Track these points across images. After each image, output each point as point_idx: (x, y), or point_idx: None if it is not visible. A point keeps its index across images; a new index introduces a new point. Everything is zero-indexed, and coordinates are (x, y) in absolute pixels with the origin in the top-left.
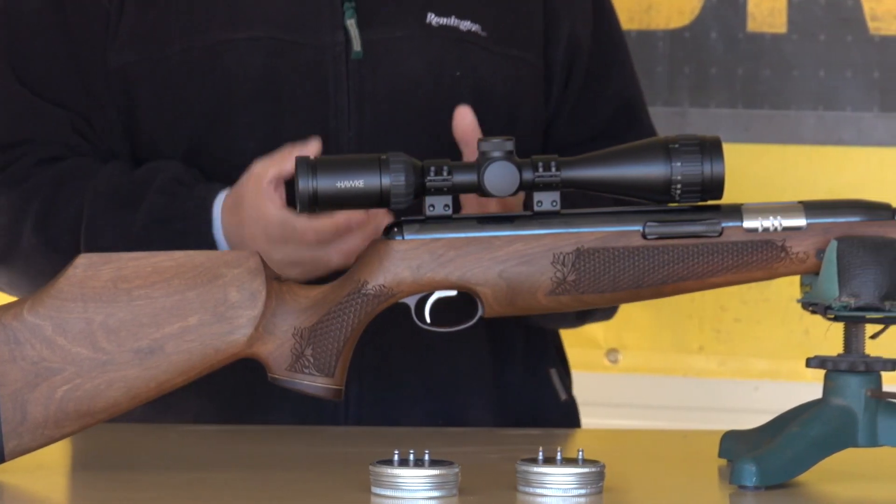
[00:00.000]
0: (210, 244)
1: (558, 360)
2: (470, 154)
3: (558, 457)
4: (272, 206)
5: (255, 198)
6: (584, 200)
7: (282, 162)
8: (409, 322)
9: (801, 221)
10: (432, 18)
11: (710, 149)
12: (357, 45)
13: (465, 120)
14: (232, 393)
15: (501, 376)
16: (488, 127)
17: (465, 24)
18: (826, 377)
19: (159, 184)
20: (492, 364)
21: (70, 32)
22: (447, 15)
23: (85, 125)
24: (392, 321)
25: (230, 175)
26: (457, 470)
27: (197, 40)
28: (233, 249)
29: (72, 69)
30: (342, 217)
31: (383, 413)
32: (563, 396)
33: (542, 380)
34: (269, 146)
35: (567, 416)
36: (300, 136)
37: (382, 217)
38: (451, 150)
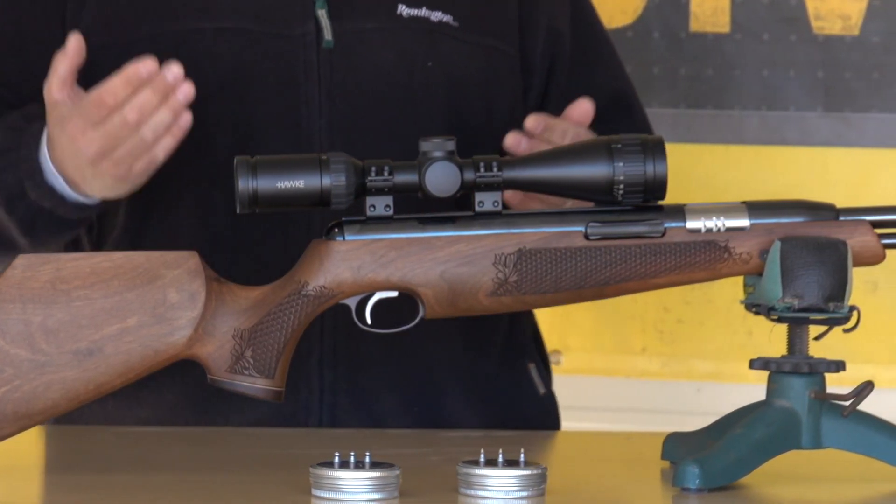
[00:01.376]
0: (36, 169)
1: (537, 355)
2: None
3: (500, 459)
4: (56, 94)
5: (50, 109)
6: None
7: (56, 66)
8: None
9: (744, 222)
10: (403, 9)
11: (653, 149)
12: (328, 35)
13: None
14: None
15: (477, 368)
16: (464, 118)
17: (437, 15)
18: (769, 379)
19: (9, 121)
20: (467, 356)
21: (21, 18)
22: (418, 6)
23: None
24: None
25: (199, 164)
26: (397, 472)
27: (165, 27)
28: (61, 167)
29: (18, 54)
30: (129, 68)
31: (357, 402)
32: (542, 391)
33: (521, 374)
34: (238, 134)
35: (546, 411)
36: (270, 125)
37: (176, 69)
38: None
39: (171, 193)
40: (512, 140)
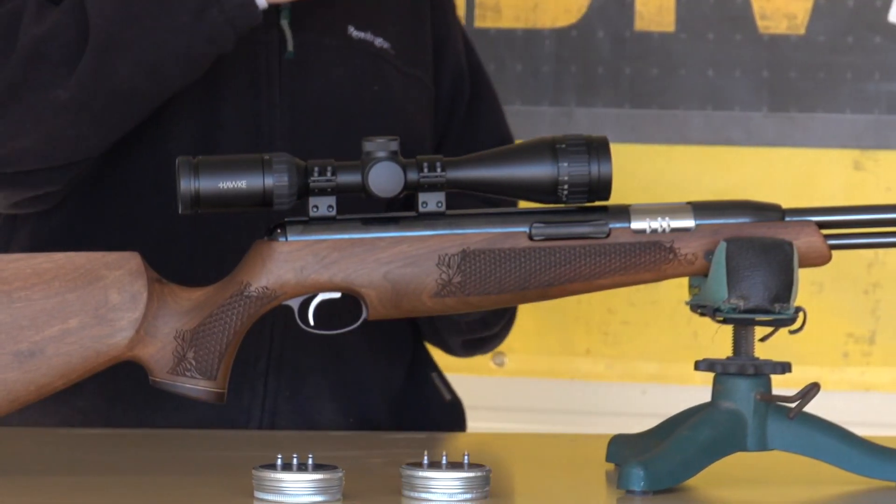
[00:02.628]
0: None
1: (434, 364)
2: None
3: (443, 461)
4: None
5: None
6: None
7: None
8: (324, 316)
9: (689, 222)
10: (352, 31)
11: (598, 149)
12: (290, 46)
13: None
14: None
15: (395, 379)
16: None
17: (379, 41)
18: (715, 380)
19: None
20: (387, 367)
21: None
22: (365, 29)
23: None
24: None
25: (164, 161)
26: (340, 474)
27: None
28: None
29: None
30: None
31: (298, 409)
32: (448, 397)
33: (426, 383)
34: (205, 133)
35: (453, 415)
36: (233, 125)
37: None
38: None
39: (127, 188)
40: None
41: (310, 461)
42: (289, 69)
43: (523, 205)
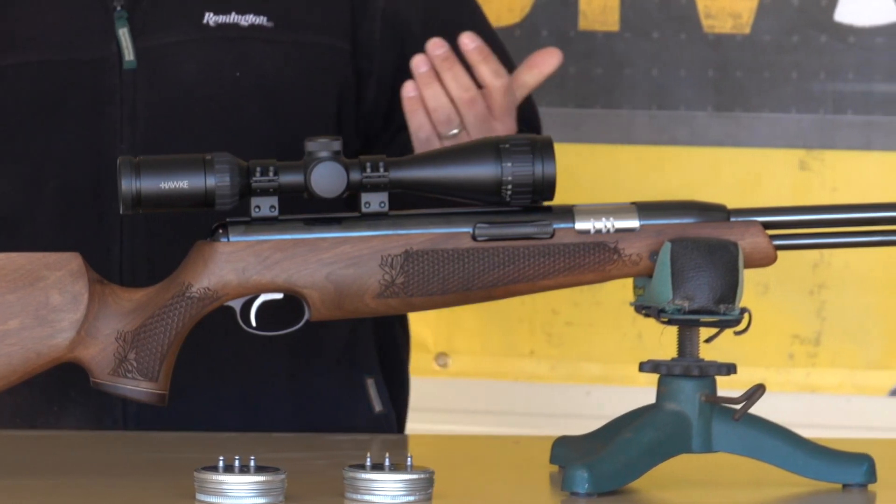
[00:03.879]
0: None
1: (378, 370)
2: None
3: (386, 463)
4: None
5: None
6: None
7: None
8: (226, 321)
9: (633, 223)
10: (210, 18)
11: (542, 149)
12: (129, 55)
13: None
14: (50, 394)
15: (310, 381)
16: (282, 124)
17: (248, 19)
18: (659, 382)
19: None
20: (295, 370)
21: None
22: (226, 12)
23: None
24: (212, 320)
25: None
26: (283, 476)
27: None
28: None
29: None
30: None
31: (187, 414)
32: (378, 409)
33: (356, 389)
34: (41, 166)
35: (380, 429)
36: (71, 154)
37: None
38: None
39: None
40: (416, 60)
41: (252, 463)
42: (131, 82)
43: None
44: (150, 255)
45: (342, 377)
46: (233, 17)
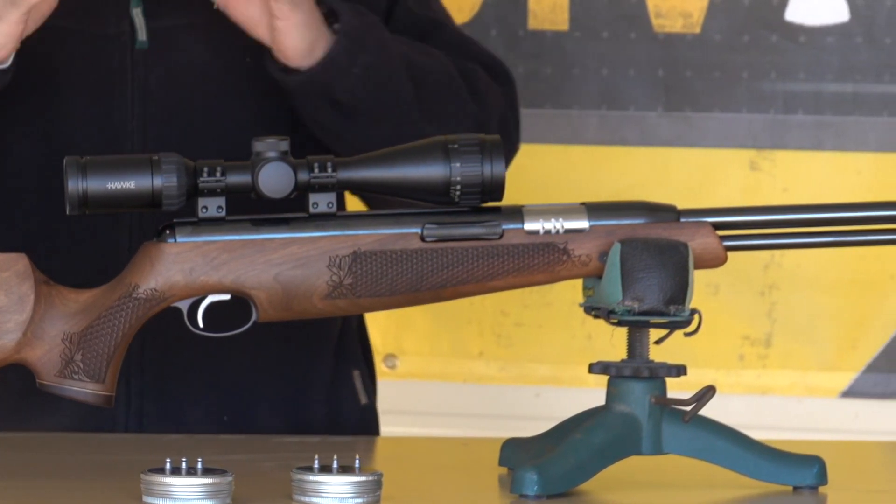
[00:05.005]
0: None
1: (363, 362)
2: None
3: (334, 465)
4: None
5: None
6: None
7: None
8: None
9: (583, 223)
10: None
11: (490, 149)
12: (142, 35)
13: None
14: (5, 397)
15: (295, 374)
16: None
17: None
18: (609, 383)
19: None
20: (284, 361)
21: None
22: None
23: None
24: (178, 315)
25: (13, 169)
26: (230, 478)
27: None
28: None
29: None
30: None
31: (166, 408)
32: (364, 401)
33: (345, 381)
34: (47, 137)
35: (365, 420)
36: (81, 126)
37: None
38: (237, 144)
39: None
40: None
41: (199, 465)
42: (142, 59)
43: None
44: None
45: (333, 369)
46: None
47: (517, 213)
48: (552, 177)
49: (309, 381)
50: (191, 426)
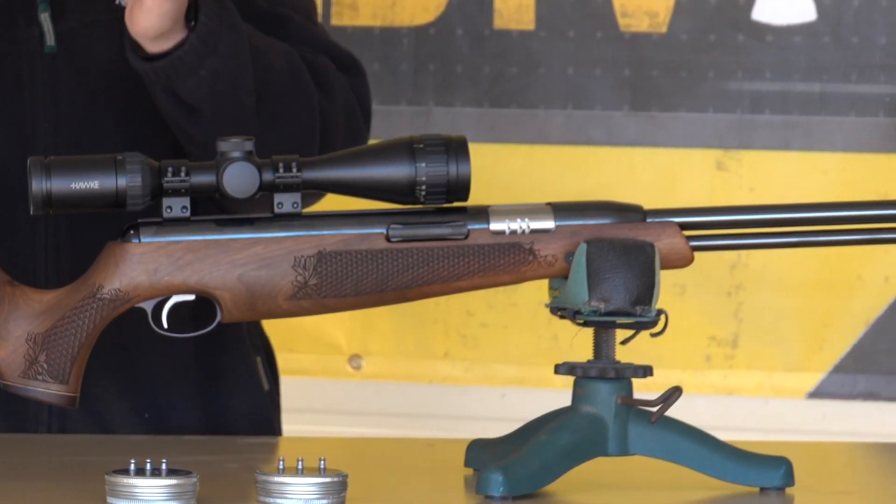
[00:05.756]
0: None
1: (262, 349)
2: None
3: (299, 466)
4: None
5: None
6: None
7: None
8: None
9: (549, 224)
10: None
11: (456, 149)
12: (50, 40)
13: None
14: None
15: (208, 365)
16: None
17: None
18: (575, 384)
19: None
20: (198, 354)
21: None
22: None
23: None
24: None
25: None
26: (195, 479)
27: None
28: None
29: None
30: None
31: (88, 408)
32: (266, 387)
33: (250, 368)
34: None
35: (268, 407)
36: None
37: None
38: (147, 141)
39: None
40: None
41: (163, 466)
42: (51, 64)
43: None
44: (75, 246)
45: (240, 356)
46: None
47: (483, 213)
48: (518, 177)
49: (222, 370)
50: (113, 426)
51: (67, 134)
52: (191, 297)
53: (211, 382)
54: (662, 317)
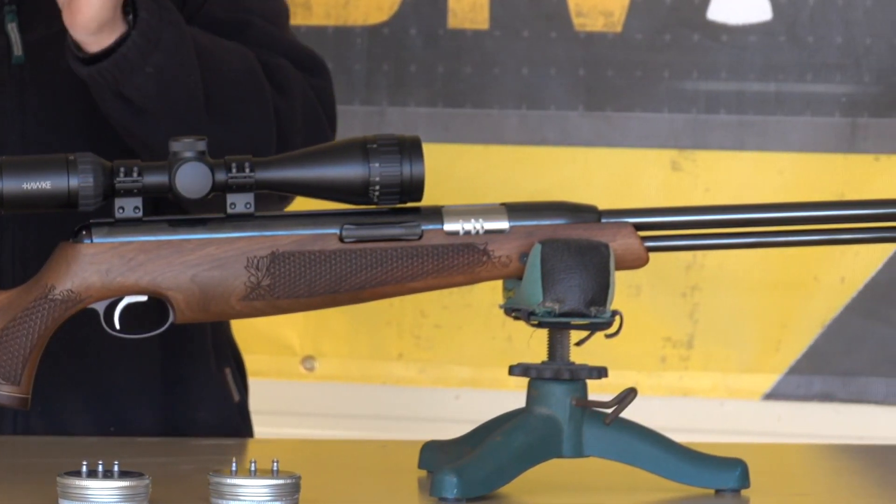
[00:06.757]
0: None
1: (232, 359)
2: None
3: (252, 468)
4: None
5: None
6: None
7: None
8: (75, 326)
9: (503, 224)
10: None
11: (410, 149)
12: (17, 51)
13: None
14: None
15: (172, 375)
16: None
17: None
18: (530, 385)
19: None
20: (163, 363)
21: None
22: None
23: None
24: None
25: None
26: (147, 481)
27: None
28: None
29: None
30: None
31: (52, 418)
32: (237, 398)
33: (219, 379)
34: None
35: (239, 418)
36: None
37: None
38: (116, 151)
39: None
40: None
41: (115, 468)
42: (19, 75)
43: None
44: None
45: (208, 368)
46: None
47: (437, 213)
48: (472, 177)
49: (187, 382)
50: (76, 433)
51: (35, 143)
52: (143, 298)
53: (177, 395)
54: (617, 318)
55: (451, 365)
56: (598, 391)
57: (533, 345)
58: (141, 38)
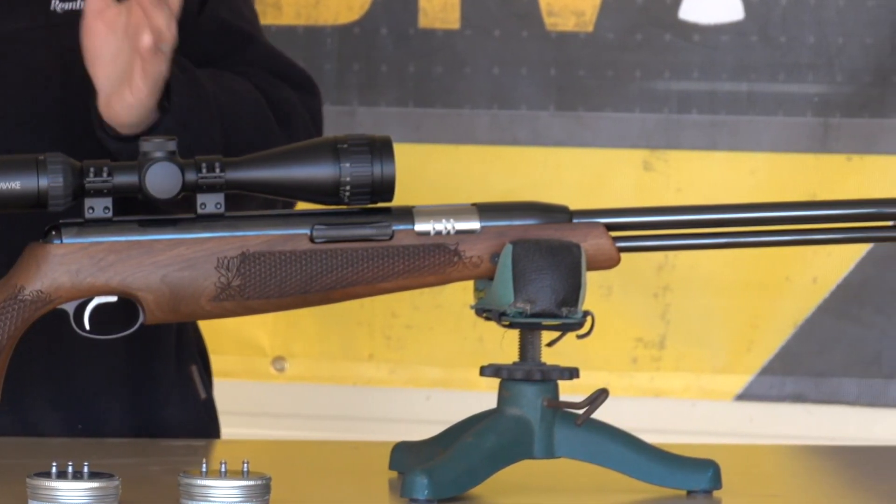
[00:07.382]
0: None
1: (198, 357)
2: None
3: (222, 469)
4: None
5: None
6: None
7: None
8: (45, 326)
9: (474, 224)
10: (56, 5)
11: (380, 149)
12: None
13: None
14: None
15: (147, 376)
16: None
17: None
18: (501, 386)
19: None
20: (130, 362)
21: None
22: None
23: None
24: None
25: None
26: (117, 483)
27: None
28: None
29: None
30: None
31: (19, 416)
32: (203, 395)
33: (184, 377)
34: None
35: (207, 414)
36: None
37: None
38: (84, 150)
39: None
40: None
41: (85, 469)
42: None
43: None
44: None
45: (174, 366)
46: (79, 4)
47: (408, 213)
48: (443, 177)
49: (155, 380)
50: (47, 434)
51: (3, 137)
52: (113, 299)
53: (144, 392)
54: (589, 318)
55: (422, 365)
56: (570, 392)
57: (504, 345)
58: (173, 122)
